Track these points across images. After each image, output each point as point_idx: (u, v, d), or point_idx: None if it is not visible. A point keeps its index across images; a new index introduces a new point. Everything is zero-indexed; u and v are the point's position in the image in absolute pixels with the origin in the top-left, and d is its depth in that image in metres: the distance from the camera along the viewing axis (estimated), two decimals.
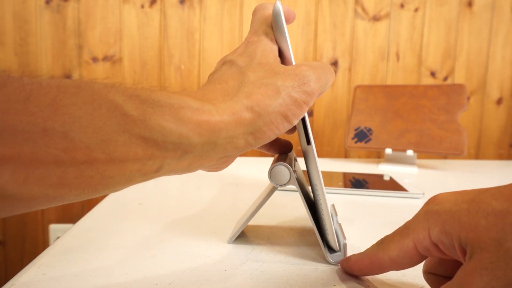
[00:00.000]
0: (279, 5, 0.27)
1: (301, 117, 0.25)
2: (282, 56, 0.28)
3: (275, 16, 0.27)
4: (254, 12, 0.29)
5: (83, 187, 0.18)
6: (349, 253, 0.32)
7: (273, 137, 0.24)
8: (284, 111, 0.24)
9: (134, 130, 0.19)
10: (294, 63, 0.27)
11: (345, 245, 0.30)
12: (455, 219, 0.20)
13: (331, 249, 0.31)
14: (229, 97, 0.23)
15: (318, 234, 0.31)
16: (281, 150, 0.33)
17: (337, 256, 0.30)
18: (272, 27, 0.28)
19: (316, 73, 0.25)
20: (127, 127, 0.19)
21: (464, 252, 0.19)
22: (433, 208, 0.21)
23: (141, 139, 0.19)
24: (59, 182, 0.17)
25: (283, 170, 0.30)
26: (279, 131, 0.24)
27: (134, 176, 0.20)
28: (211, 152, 0.22)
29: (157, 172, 0.21)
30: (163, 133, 0.20)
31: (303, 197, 0.30)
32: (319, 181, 0.28)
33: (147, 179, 0.21)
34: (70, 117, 0.17)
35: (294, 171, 0.30)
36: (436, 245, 0.21)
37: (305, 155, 0.30)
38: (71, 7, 0.93)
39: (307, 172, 0.31)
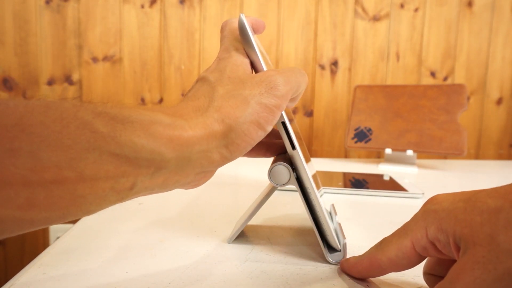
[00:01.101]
0: (243, 18, 0.27)
1: (275, 122, 0.25)
2: (254, 68, 0.28)
3: (241, 29, 0.27)
4: (222, 29, 0.29)
5: (53, 208, 0.18)
6: (349, 252, 0.32)
7: (248, 148, 0.24)
8: (256, 119, 0.24)
9: (104, 147, 0.19)
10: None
11: (345, 244, 0.31)
12: (452, 217, 0.20)
13: (331, 249, 0.31)
14: (200, 112, 0.23)
15: (318, 234, 0.31)
16: (278, 152, 0.33)
17: (337, 256, 0.30)
18: (239, 40, 0.28)
19: (284, 76, 0.25)
20: (97, 144, 0.18)
21: (458, 249, 0.20)
22: (431, 208, 0.22)
23: (112, 156, 0.19)
24: (28, 203, 0.17)
25: (283, 170, 0.30)
26: (254, 140, 0.24)
27: (107, 196, 0.20)
28: (186, 167, 0.22)
29: (131, 189, 0.21)
30: (134, 149, 0.20)
31: (302, 197, 0.30)
32: (309, 184, 0.29)
33: (121, 199, 0.21)
34: (38, 136, 0.17)
35: (294, 170, 0.30)
36: (433, 244, 0.21)
37: (292, 159, 0.30)
38: (71, 7, 0.93)
39: (297, 177, 0.31)
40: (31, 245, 0.98)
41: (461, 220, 0.20)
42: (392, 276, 0.28)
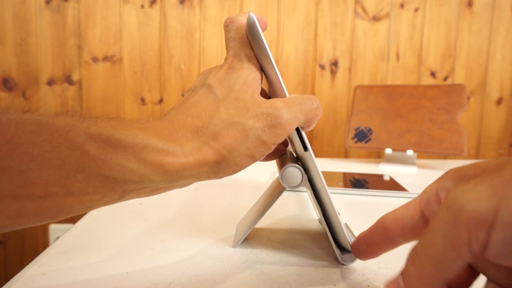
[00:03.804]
0: (254, 17, 0.25)
1: (269, 153, 0.25)
2: (266, 75, 0.27)
3: (252, 30, 0.25)
4: (227, 26, 0.27)
5: (42, 217, 0.19)
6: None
7: (235, 173, 0.25)
8: (251, 153, 0.24)
9: (94, 169, 0.19)
10: (281, 80, 0.26)
11: None
12: (467, 167, 0.19)
13: (342, 250, 0.31)
14: (197, 135, 0.23)
15: (330, 235, 0.30)
16: (271, 156, 0.32)
17: (349, 257, 0.30)
18: (249, 43, 0.27)
19: (292, 112, 0.24)
20: (86, 166, 0.19)
21: None
22: (453, 168, 0.20)
23: (101, 177, 0.20)
24: (17, 214, 0.18)
25: (295, 172, 0.29)
26: (243, 168, 0.24)
27: (94, 206, 0.21)
28: (173, 185, 0.23)
29: (118, 200, 0.22)
30: (123, 172, 0.20)
31: (315, 199, 0.30)
32: (322, 185, 0.28)
33: (109, 204, 0.22)
34: (28, 155, 0.18)
35: (306, 172, 0.30)
36: (437, 195, 0.20)
37: (302, 161, 0.29)
38: (71, 7, 0.93)
39: (307, 177, 0.30)
40: (31, 245, 0.98)
41: (470, 174, 0.18)
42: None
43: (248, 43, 0.27)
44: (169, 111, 0.25)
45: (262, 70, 0.27)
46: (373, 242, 0.24)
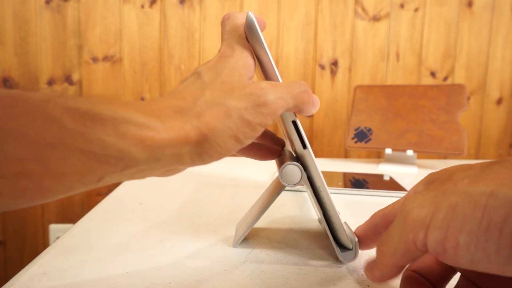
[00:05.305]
0: (252, 16, 0.26)
1: (256, 136, 0.24)
2: (263, 68, 0.27)
3: (250, 26, 0.26)
4: (223, 23, 0.28)
5: (18, 197, 0.18)
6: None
7: (221, 157, 0.23)
8: (235, 134, 0.23)
9: (71, 143, 0.18)
10: (277, 72, 0.26)
11: (356, 243, 0.30)
12: (437, 172, 0.23)
13: (341, 248, 0.31)
14: (180, 115, 0.22)
15: (330, 233, 0.30)
16: (268, 156, 0.32)
17: (349, 255, 0.30)
18: (246, 37, 0.27)
19: (277, 93, 0.24)
20: (64, 140, 0.18)
21: None
22: (432, 172, 0.24)
23: (79, 152, 0.19)
24: None
25: (294, 169, 0.29)
26: (229, 152, 0.23)
27: (74, 187, 0.20)
28: (155, 166, 0.22)
29: (98, 182, 0.21)
30: (102, 146, 0.19)
31: (314, 197, 0.30)
32: (321, 183, 0.28)
33: (88, 188, 0.21)
34: (2, 129, 0.17)
35: (305, 170, 0.30)
36: None
37: (301, 159, 0.29)
38: (71, 7, 0.93)
39: (307, 176, 0.30)
40: (31, 245, 0.98)
41: (440, 172, 0.23)
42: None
43: (244, 36, 0.27)
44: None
45: (261, 69, 0.28)
46: (366, 236, 0.28)
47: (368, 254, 0.32)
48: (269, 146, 0.33)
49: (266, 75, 0.27)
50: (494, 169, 0.18)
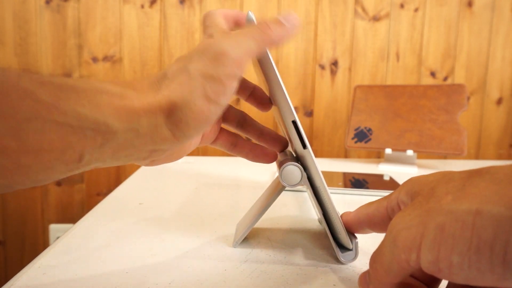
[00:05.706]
0: (252, 15, 0.25)
1: (230, 93, 0.23)
2: (263, 68, 0.27)
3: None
4: (203, 21, 0.28)
5: None
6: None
7: (203, 126, 0.22)
8: (202, 93, 0.22)
9: (47, 116, 0.18)
10: (277, 73, 0.26)
11: (356, 243, 0.30)
12: (418, 181, 0.23)
13: (342, 248, 0.31)
14: (152, 87, 0.22)
15: (330, 233, 0.30)
16: (264, 157, 0.32)
17: (349, 255, 0.30)
18: (225, 27, 0.26)
19: (232, 39, 0.23)
20: (39, 114, 0.18)
21: None
22: (412, 178, 0.24)
23: (55, 125, 0.18)
24: None
25: (294, 170, 0.29)
26: (207, 117, 0.22)
27: (54, 166, 0.19)
28: (135, 140, 0.21)
29: (79, 161, 0.20)
30: (78, 118, 0.19)
31: (314, 197, 0.30)
32: (321, 183, 0.28)
33: (71, 170, 0.20)
34: None
35: (305, 170, 0.30)
36: (399, 206, 0.24)
37: (301, 159, 0.29)
38: (71, 7, 0.93)
39: (307, 176, 0.30)
40: (31, 245, 0.98)
41: (423, 182, 0.22)
42: None
43: (224, 26, 0.26)
44: None
45: (261, 69, 0.28)
46: (351, 226, 0.29)
47: (368, 254, 0.32)
48: (264, 148, 0.32)
49: (267, 75, 0.27)
50: (475, 183, 0.18)
